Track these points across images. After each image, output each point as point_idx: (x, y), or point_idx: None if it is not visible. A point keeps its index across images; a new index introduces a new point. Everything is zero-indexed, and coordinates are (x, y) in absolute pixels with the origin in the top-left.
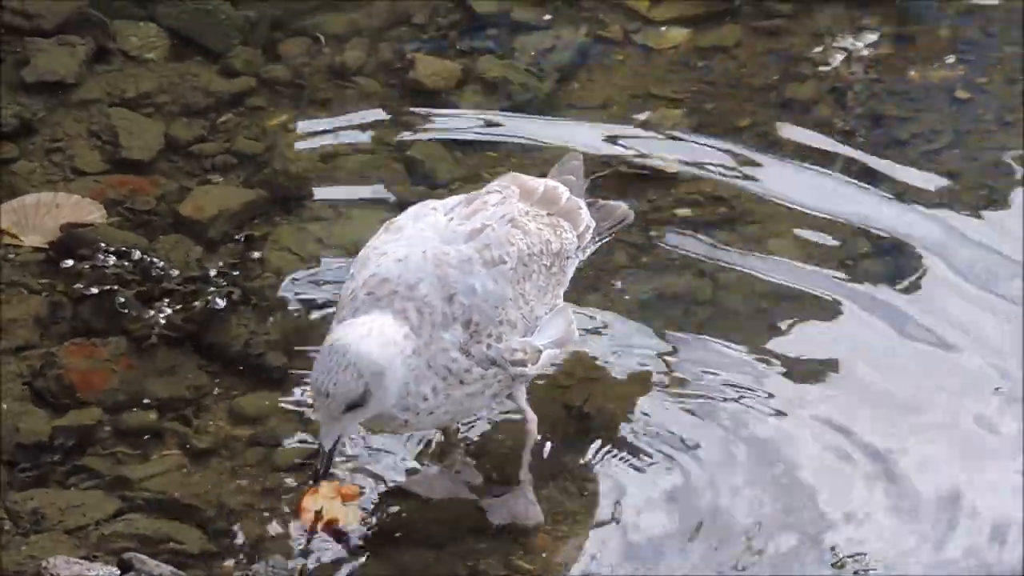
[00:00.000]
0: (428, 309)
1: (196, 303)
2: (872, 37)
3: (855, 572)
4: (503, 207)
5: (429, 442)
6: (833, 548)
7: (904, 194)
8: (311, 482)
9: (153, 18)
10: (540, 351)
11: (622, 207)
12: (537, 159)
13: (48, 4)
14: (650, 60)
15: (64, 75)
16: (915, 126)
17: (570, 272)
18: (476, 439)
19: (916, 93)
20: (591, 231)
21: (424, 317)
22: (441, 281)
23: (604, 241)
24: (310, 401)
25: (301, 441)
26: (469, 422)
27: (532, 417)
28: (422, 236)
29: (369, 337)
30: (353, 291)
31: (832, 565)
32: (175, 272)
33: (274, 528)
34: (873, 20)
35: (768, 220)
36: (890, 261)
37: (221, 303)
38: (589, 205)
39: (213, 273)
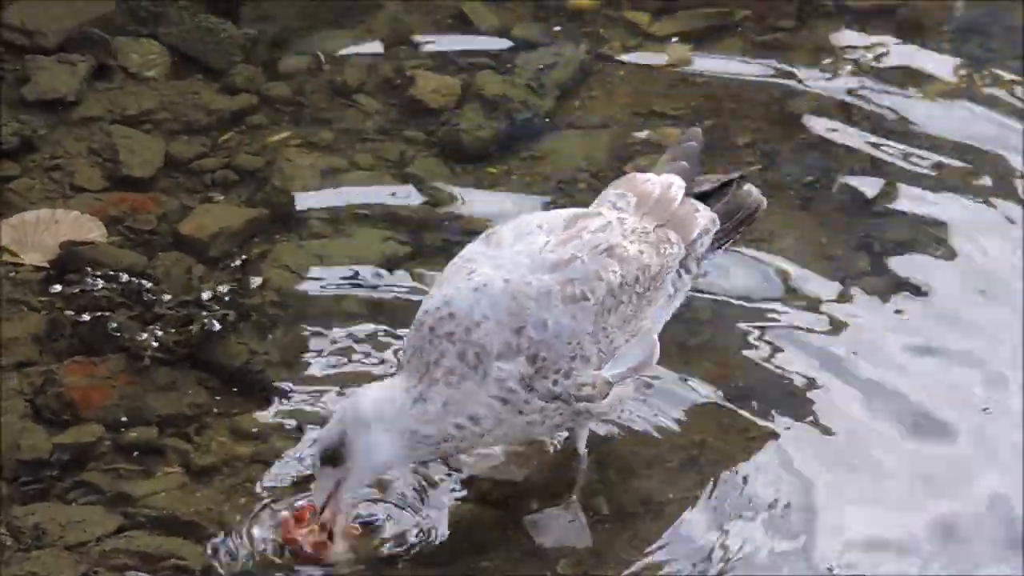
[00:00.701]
0: (477, 349)
1: (196, 322)
2: (871, 53)
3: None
4: (603, 234)
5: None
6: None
7: (907, 206)
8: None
9: (154, 36)
10: (610, 384)
11: (753, 194)
12: (539, 176)
13: (49, 22)
14: (651, 76)
15: (65, 93)
16: (917, 141)
17: (668, 287)
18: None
19: (917, 107)
20: (709, 236)
21: (466, 359)
22: (514, 313)
23: (733, 240)
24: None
25: (300, 459)
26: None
27: (583, 458)
28: (515, 260)
29: (369, 391)
30: (425, 313)
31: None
32: (175, 291)
33: (275, 545)
34: (873, 34)
35: (771, 237)
36: (891, 273)
37: (220, 321)
38: (715, 195)
39: (213, 292)
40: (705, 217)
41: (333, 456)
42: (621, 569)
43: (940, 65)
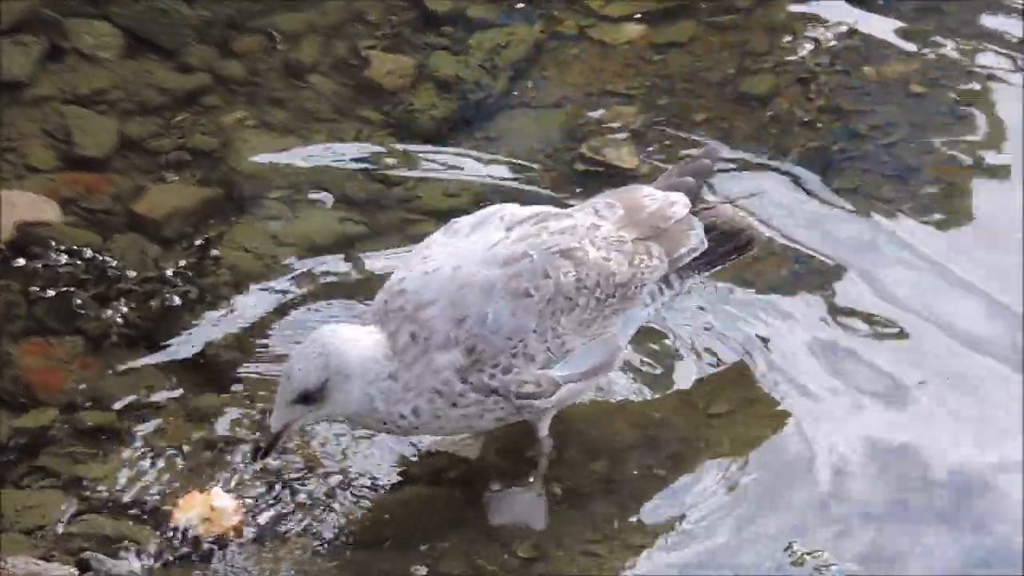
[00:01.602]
0: (426, 333)
1: (152, 302)
2: (828, 32)
3: (815, 568)
4: (562, 236)
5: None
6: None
7: (859, 187)
8: (252, 459)
9: (107, 16)
10: (558, 384)
11: (746, 232)
12: (492, 156)
13: (1, 3)
14: (605, 55)
15: (18, 74)
16: (871, 120)
17: (644, 299)
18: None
19: (872, 87)
20: (695, 253)
21: (417, 343)
22: (457, 303)
23: (719, 268)
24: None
25: (256, 440)
26: None
27: (545, 445)
28: (468, 250)
29: (355, 343)
30: (387, 288)
31: (791, 563)
32: (130, 271)
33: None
34: (829, 15)
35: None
36: (843, 255)
37: (177, 302)
38: (709, 228)
39: (169, 272)
40: (697, 238)
41: (307, 397)
42: (579, 549)
43: (897, 43)
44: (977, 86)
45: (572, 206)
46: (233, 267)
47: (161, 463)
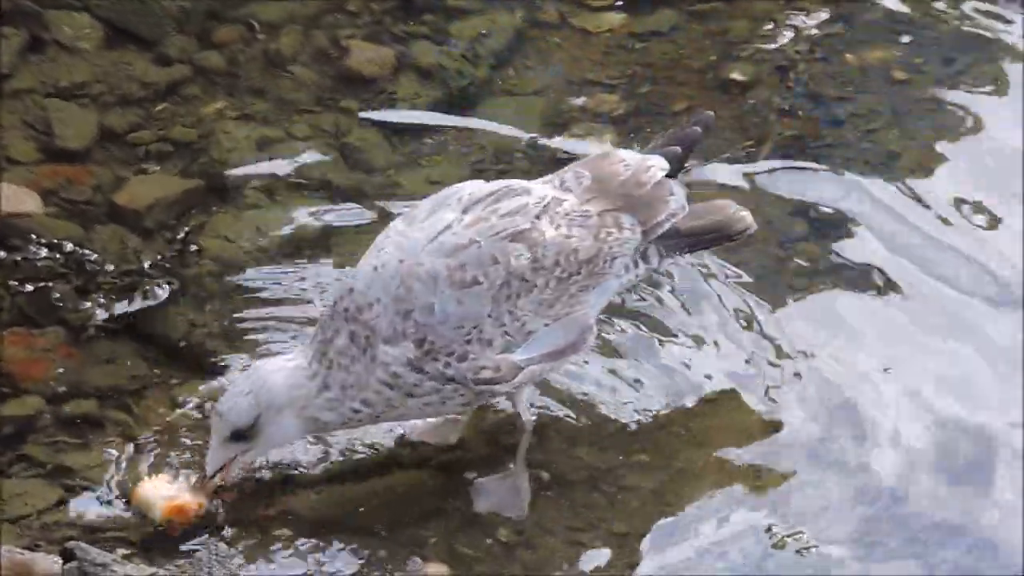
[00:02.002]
0: (367, 332)
1: (134, 293)
2: (809, 19)
3: (796, 551)
4: (513, 218)
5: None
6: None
7: (841, 173)
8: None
9: (87, 8)
10: (520, 368)
11: (746, 220)
12: (475, 144)
13: None
14: (587, 43)
15: None
16: (853, 106)
17: (617, 271)
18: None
19: (854, 74)
20: (674, 219)
21: (357, 343)
22: (402, 298)
23: (702, 249)
24: None
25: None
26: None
27: (527, 422)
28: (416, 240)
29: (278, 374)
30: (340, 285)
31: (773, 546)
32: (112, 262)
33: (216, 514)
34: (810, 2)
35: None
36: (826, 240)
37: (159, 292)
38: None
39: (150, 263)
40: (677, 203)
41: (240, 435)
42: (562, 537)
43: (877, 32)
44: (959, 73)
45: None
46: (215, 257)
47: (144, 452)
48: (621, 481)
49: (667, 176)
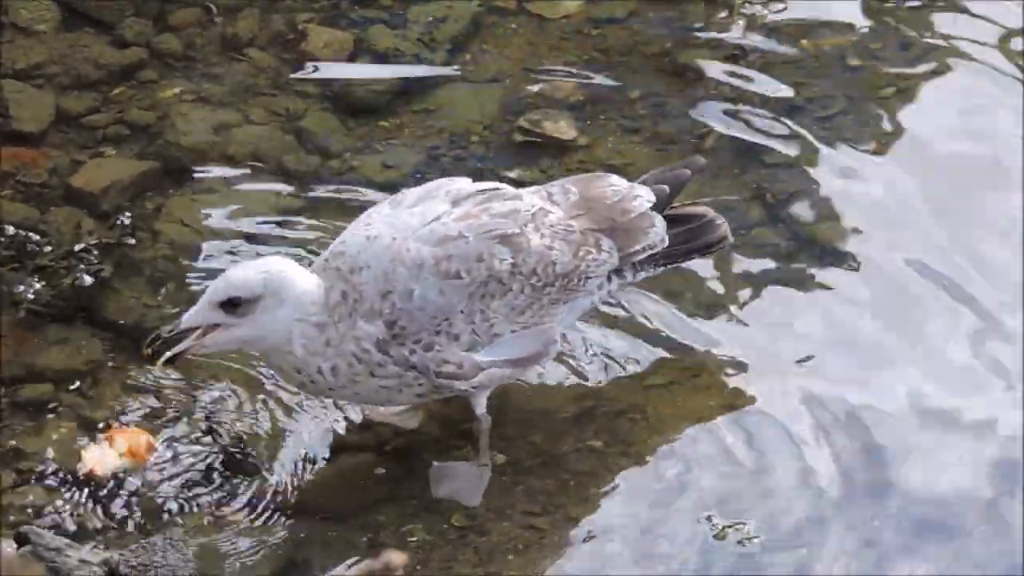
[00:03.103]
0: (356, 296)
1: (88, 276)
2: (766, 6)
3: (737, 542)
4: (503, 219)
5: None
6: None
7: (798, 158)
8: (150, 356)
9: None
10: (481, 368)
11: (721, 229)
12: (431, 129)
13: None
14: (544, 29)
15: None
16: (808, 92)
17: (590, 290)
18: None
19: (809, 60)
20: (652, 251)
21: (347, 302)
22: (386, 275)
23: (678, 263)
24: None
25: (193, 413)
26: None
27: (481, 418)
28: (407, 223)
29: (301, 277)
30: (330, 248)
31: (714, 537)
32: (67, 245)
33: (172, 500)
34: None
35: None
36: (783, 227)
37: (114, 276)
38: (684, 222)
39: (105, 246)
40: (657, 236)
41: (234, 304)
42: (516, 521)
43: (835, 16)
44: (914, 58)
45: (511, 177)
46: (171, 241)
47: (98, 436)
48: (576, 466)
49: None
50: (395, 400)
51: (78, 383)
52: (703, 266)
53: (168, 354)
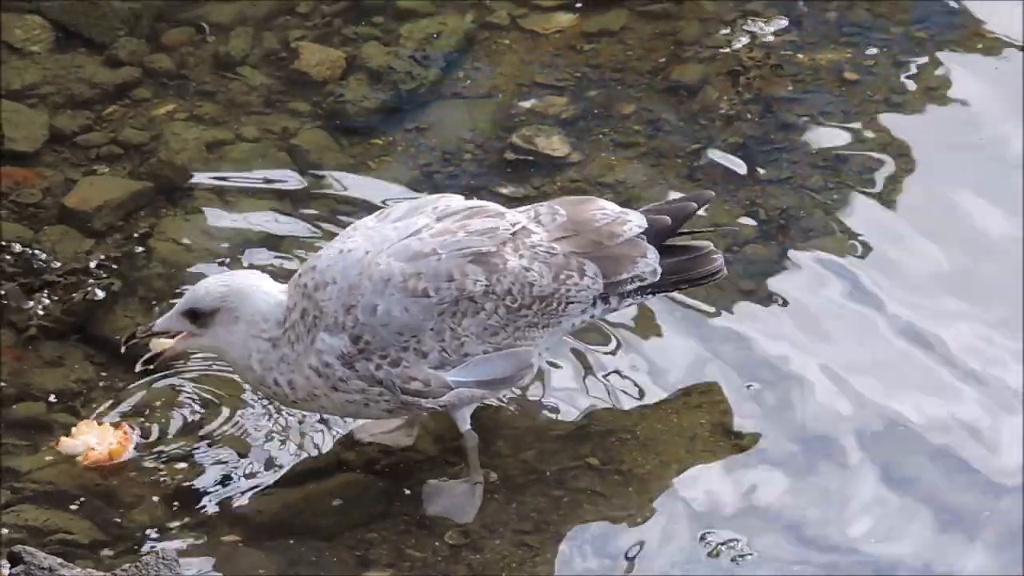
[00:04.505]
0: (316, 312)
1: (82, 294)
2: (760, 21)
3: (731, 559)
4: (480, 238)
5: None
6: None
7: (792, 176)
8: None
9: (38, 11)
10: (449, 387)
11: (717, 262)
12: (424, 147)
13: None
14: (537, 46)
15: None
16: (803, 108)
17: (573, 315)
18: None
19: (804, 75)
20: (640, 282)
21: (305, 321)
22: (352, 289)
23: (667, 292)
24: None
25: (185, 430)
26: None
27: (466, 434)
28: (385, 236)
29: (260, 294)
30: (307, 262)
31: (708, 554)
32: (61, 264)
33: (165, 518)
34: (760, 3)
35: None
36: (774, 245)
37: (107, 294)
38: (679, 252)
39: (98, 264)
40: (647, 266)
41: (195, 315)
42: (509, 539)
43: (827, 34)
44: (910, 74)
45: (504, 194)
46: (163, 259)
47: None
48: (568, 484)
49: (649, 242)
50: (363, 415)
51: (71, 402)
52: (693, 289)
53: (146, 356)
